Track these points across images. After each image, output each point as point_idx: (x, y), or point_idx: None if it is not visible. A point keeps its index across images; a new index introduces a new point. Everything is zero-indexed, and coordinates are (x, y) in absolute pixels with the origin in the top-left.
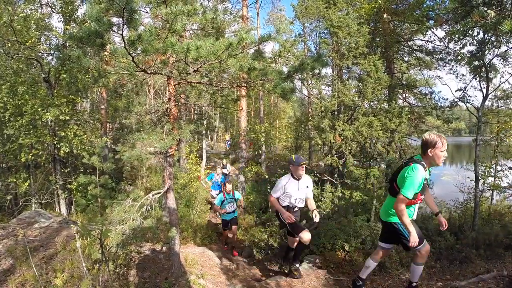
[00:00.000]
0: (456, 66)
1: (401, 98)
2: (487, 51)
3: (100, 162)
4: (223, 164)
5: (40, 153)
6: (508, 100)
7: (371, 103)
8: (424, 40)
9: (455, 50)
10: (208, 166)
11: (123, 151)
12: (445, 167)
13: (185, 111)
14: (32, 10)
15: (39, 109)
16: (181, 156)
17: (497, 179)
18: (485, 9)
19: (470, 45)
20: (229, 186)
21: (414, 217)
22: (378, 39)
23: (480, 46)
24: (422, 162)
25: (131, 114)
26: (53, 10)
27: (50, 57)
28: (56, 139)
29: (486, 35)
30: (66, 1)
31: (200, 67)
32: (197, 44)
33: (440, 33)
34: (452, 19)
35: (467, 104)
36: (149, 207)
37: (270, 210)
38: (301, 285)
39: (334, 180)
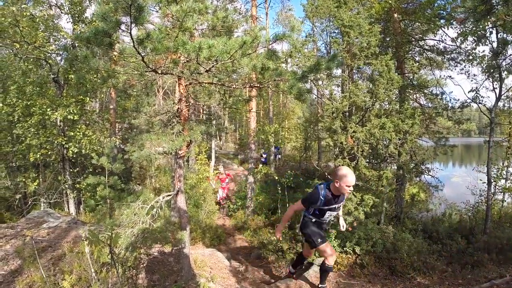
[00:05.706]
0: (468, 66)
1: (412, 99)
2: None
3: (110, 163)
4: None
5: (49, 152)
6: None
7: (383, 104)
8: (436, 40)
9: (467, 50)
10: (217, 167)
11: (132, 151)
12: (455, 168)
13: (194, 110)
14: (40, 11)
15: (48, 109)
16: (189, 156)
17: (509, 181)
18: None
19: (482, 44)
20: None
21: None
22: (388, 39)
23: (498, 54)
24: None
25: (141, 115)
26: (62, 11)
27: (59, 58)
28: (65, 139)
29: (505, 35)
30: (74, 2)
31: (213, 66)
32: (209, 43)
33: (452, 33)
34: (469, 18)
35: (480, 105)
36: (158, 209)
37: (280, 211)
38: None
39: None
